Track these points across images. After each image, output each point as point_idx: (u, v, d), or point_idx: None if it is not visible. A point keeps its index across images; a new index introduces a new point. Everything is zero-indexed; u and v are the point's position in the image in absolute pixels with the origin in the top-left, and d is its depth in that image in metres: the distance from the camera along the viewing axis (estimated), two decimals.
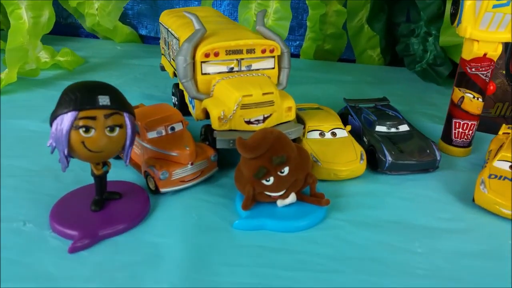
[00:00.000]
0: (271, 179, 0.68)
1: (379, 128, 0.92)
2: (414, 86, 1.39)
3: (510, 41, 0.83)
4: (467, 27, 0.83)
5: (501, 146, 0.84)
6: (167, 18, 1.06)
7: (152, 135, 0.76)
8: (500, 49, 0.84)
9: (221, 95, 0.82)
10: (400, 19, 1.47)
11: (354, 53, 1.63)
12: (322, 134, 0.89)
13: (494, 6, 0.79)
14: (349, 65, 1.63)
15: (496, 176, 0.77)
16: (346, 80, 1.44)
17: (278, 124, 0.85)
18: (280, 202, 0.71)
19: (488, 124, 1.02)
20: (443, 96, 1.28)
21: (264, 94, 0.80)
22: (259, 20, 0.91)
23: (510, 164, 0.79)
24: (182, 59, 0.82)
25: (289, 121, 0.86)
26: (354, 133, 0.95)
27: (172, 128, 0.78)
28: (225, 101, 0.80)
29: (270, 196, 0.70)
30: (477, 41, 0.84)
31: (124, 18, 1.70)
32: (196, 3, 1.63)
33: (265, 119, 0.82)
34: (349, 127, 0.92)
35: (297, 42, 1.71)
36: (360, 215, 0.74)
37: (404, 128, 0.93)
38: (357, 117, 0.98)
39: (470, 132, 0.93)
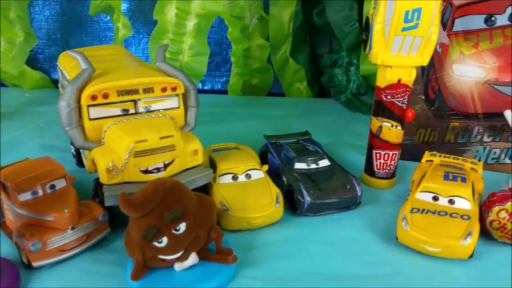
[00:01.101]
0: (164, 239, 0.57)
1: (299, 165, 0.85)
2: (341, 117, 1.35)
3: (424, 65, 0.79)
4: (378, 52, 0.79)
5: (424, 176, 0.79)
6: (63, 59, 0.95)
7: (25, 196, 0.64)
8: (414, 73, 0.80)
9: (111, 142, 0.71)
10: (323, 50, 1.45)
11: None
12: (235, 177, 0.80)
13: (403, 29, 0.75)
14: (278, 99, 1.58)
15: (418, 210, 0.70)
16: (274, 114, 1.38)
17: (183, 170, 0.75)
18: (178, 266, 0.60)
19: (412, 152, 0.98)
20: (368, 125, 1.24)
21: (162, 138, 0.71)
22: (159, 56, 0.82)
23: (433, 195, 0.73)
24: (65, 104, 0.71)
25: (197, 166, 0.77)
26: (274, 172, 0.88)
27: (52, 186, 0.66)
28: (116, 149, 0.70)
29: (165, 260, 0.59)
30: (390, 67, 0.80)
31: (34, 63, 1.57)
32: (112, 42, 1.54)
33: (166, 166, 0.72)
34: (265, 167, 0.84)
35: (224, 78, 1.65)
36: (276, 269, 0.65)
37: (324, 163, 0.86)
38: (277, 155, 0.90)
39: (392, 162, 0.88)
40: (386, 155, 0.87)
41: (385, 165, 0.88)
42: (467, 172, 0.79)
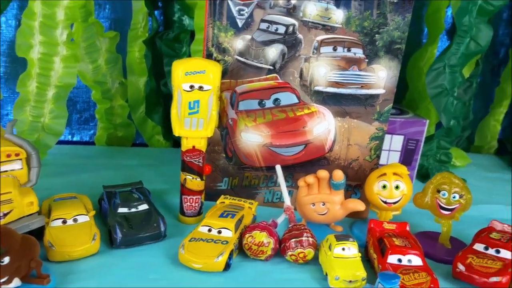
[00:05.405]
0: None
1: (121, 210, 1.11)
2: None
3: (209, 136, 1.12)
4: (175, 128, 1.10)
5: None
6: None
7: None
8: (204, 142, 1.13)
9: None
10: None
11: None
12: (64, 221, 1.04)
13: (189, 114, 1.08)
14: (140, 149, 1.84)
15: (195, 239, 1.01)
16: (130, 164, 1.64)
17: (21, 217, 0.99)
18: None
19: (221, 194, 1.29)
20: None
21: (1, 194, 0.94)
22: (7, 129, 1.06)
23: (208, 227, 1.04)
24: None
25: (33, 214, 1.01)
26: (105, 215, 1.14)
27: None
28: None
29: None
30: (186, 137, 1.12)
31: None
32: None
33: (5, 215, 0.95)
34: (93, 212, 1.09)
35: (92, 131, 1.89)
36: (86, 286, 0.90)
37: (143, 207, 1.13)
38: (108, 202, 1.16)
39: (196, 204, 1.19)
40: (191, 199, 1.18)
41: (191, 206, 1.19)
42: (242, 210, 1.12)
